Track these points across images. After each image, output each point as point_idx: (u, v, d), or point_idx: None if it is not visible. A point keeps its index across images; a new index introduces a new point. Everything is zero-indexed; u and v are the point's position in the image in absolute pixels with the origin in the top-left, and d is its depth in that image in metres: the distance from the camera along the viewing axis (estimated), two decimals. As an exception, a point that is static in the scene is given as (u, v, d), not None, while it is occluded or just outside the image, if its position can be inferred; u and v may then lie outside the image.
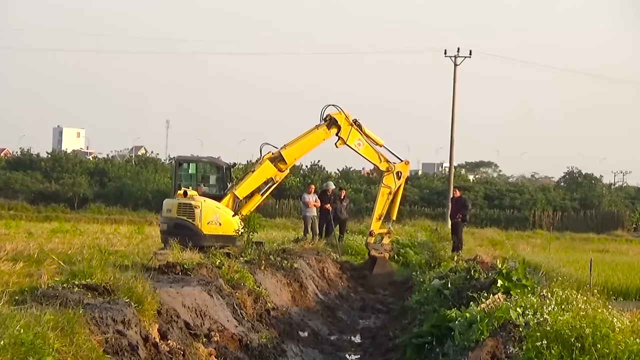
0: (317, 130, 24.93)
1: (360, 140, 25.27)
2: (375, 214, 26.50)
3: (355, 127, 25.06)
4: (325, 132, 24.96)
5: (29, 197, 67.53)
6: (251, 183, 24.44)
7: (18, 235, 28.24)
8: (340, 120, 24.90)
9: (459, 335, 12.30)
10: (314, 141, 25.04)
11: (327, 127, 24.93)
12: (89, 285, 12.11)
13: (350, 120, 25.01)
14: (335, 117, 24.92)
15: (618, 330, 9.73)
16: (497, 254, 27.26)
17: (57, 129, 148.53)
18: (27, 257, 18.18)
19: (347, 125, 24.95)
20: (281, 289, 20.20)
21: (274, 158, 24.50)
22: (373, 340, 18.29)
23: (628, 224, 69.17)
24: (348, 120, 24.97)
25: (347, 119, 24.96)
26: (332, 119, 24.92)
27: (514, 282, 14.54)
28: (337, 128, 24.93)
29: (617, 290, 20.71)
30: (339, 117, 24.94)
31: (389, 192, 25.93)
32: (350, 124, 24.98)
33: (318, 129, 24.94)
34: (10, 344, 8.61)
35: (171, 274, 16.29)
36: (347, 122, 24.94)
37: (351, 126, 24.99)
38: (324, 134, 24.98)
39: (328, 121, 24.95)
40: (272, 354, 14.91)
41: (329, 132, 25.00)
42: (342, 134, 24.99)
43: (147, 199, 66.56)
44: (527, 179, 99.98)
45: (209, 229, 23.06)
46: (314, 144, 25.13)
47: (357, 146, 25.26)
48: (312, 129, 24.96)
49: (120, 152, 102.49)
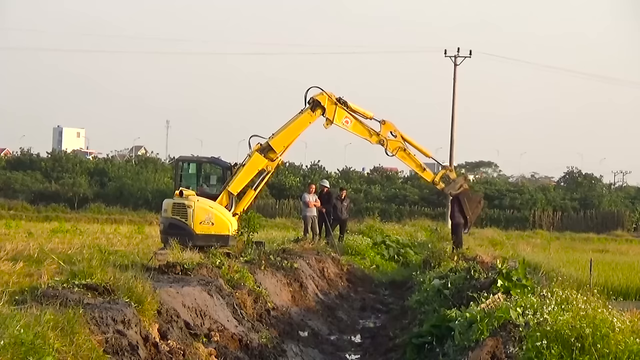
0: (302, 115, 24.70)
1: (348, 118, 25.04)
2: (417, 170, 26.35)
3: (340, 105, 24.82)
4: (310, 115, 24.73)
5: (29, 197, 67.52)
6: (243, 177, 24.28)
7: (18, 235, 28.28)
8: (323, 102, 24.62)
9: (459, 335, 12.31)
10: (300, 126, 24.81)
11: (311, 110, 24.69)
12: (89, 285, 12.12)
13: (334, 99, 24.81)
14: (318, 99, 24.62)
15: (618, 330, 9.72)
16: (497, 254, 27.25)
17: (57, 129, 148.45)
18: (27, 257, 18.20)
19: (331, 105, 24.71)
20: (281, 289, 20.20)
21: (262, 149, 24.36)
22: (373, 340, 18.30)
23: (628, 224, 69.20)
24: (332, 100, 24.73)
25: (330, 99, 24.70)
26: (315, 101, 24.61)
27: (514, 282, 14.54)
28: (321, 109, 24.72)
29: (617, 290, 20.70)
30: (322, 98, 24.70)
31: (403, 150, 25.67)
32: (334, 103, 24.70)
33: (303, 113, 24.72)
34: (10, 344, 8.61)
35: (171, 273, 16.30)
36: (330, 102, 24.70)
37: (335, 105, 24.72)
38: (309, 117, 24.76)
39: (312, 104, 24.70)
40: (272, 353, 14.92)
41: (314, 115, 24.75)
42: (328, 115, 24.75)
43: (147, 199, 66.57)
44: (527, 179, 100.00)
45: (201, 228, 23.07)
46: (300, 129, 24.90)
47: (344, 124, 25.04)
48: (297, 114, 24.71)
49: (120, 152, 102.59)
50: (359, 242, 31.57)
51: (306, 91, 24.80)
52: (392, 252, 32.95)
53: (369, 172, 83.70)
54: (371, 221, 38.09)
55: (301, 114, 24.68)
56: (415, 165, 26.05)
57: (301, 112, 24.70)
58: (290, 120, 24.71)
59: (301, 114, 24.68)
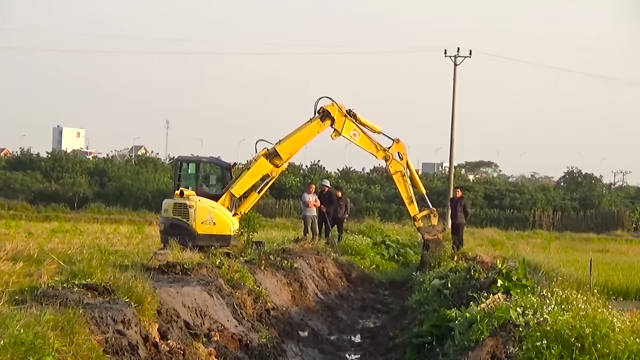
0: (310, 124, 24.84)
1: (356, 131, 25.19)
2: (405, 200, 26.41)
3: (349, 118, 24.95)
4: (319, 124, 24.87)
5: (29, 197, 67.48)
6: (247, 180, 24.36)
7: (18, 235, 28.25)
8: (333, 112, 24.80)
9: (459, 335, 12.31)
10: (308, 135, 24.93)
11: (320, 120, 24.83)
12: (89, 285, 12.12)
13: (344, 111, 24.90)
14: (328, 110, 24.81)
15: (618, 330, 9.73)
16: (497, 254, 27.28)
17: (57, 129, 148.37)
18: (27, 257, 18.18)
19: (340, 117, 24.86)
20: (281, 288, 20.20)
21: (269, 154, 24.44)
22: (373, 340, 18.30)
23: (628, 224, 69.16)
24: (341, 112, 24.87)
25: (340, 111, 24.86)
26: (325, 111, 24.81)
27: (514, 282, 14.54)
28: (331, 120, 24.84)
29: (617, 290, 20.73)
30: (332, 109, 24.86)
31: (402, 175, 25.85)
32: (344, 115, 24.88)
33: (312, 122, 24.86)
34: (10, 344, 8.62)
35: (171, 273, 16.30)
36: (340, 114, 24.85)
37: (345, 117, 24.89)
38: (318, 126, 24.90)
39: (321, 114, 24.84)
40: (272, 353, 14.92)
41: (322, 125, 24.90)
42: (337, 126, 24.90)
43: (147, 198, 66.50)
44: (527, 179, 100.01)
45: (202, 228, 23.08)
46: (308, 138, 25.02)
47: (352, 137, 25.19)
48: (306, 123, 24.88)
49: (120, 152, 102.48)
50: (359, 242, 31.56)
51: (317, 101, 25.03)
52: (392, 252, 32.97)
53: (369, 172, 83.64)
54: (371, 221, 38.12)
55: (310, 123, 24.80)
56: (406, 195, 26.28)
57: (310, 121, 24.82)
58: (298, 128, 24.81)
59: (310, 122, 24.81)
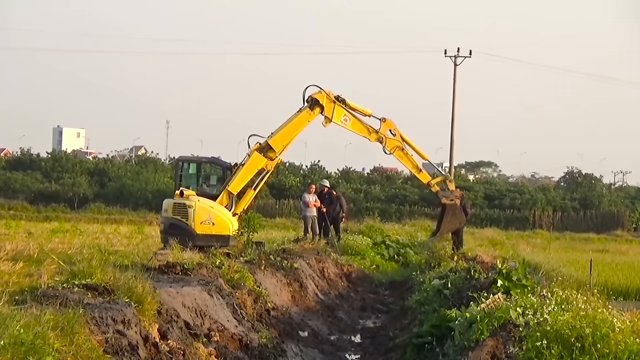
0: (300, 113, 24.72)
1: (347, 116, 25.11)
2: (413, 171, 26.34)
3: (338, 104, 24.86)
4: (308, 113, 24.77)
5: (29, 197, 67.48)
6: (243, 176, 24.29)
7: (18, 235, 28.31)
8: (321, 100, 24.67)
9: (459, 335, 12.31)
10: (299, 124, 24.83)
11: (310, 109, 24.69)
12: (89, 285, 12.11)
13: (332, 97, 24.85)
14: (316, 97, 24.66)
15: (618, 330, 9.73)
16: (497, 254, 27.26)
17: (57, 129, 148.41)
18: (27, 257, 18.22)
19: (329, 103, 24.78)
20: (281, 289, 20.20)
21: (261, 148, 24.38)
22: (373, 340, 18.30)
23: (628, 224, 69.15)
24: (330, 98, 24.78)
25: (328, 97, 24.74)
26: (313, 99, 24.66)
27: (514, 282, 14.54)
28: (320, 108, 24.72)
29: (617, 290, 20.72)
30: (320, 96, 24.75)
31: (401, 149, 25.69)
32: (332, 101, 24.77)
33: (301, 112, 24.74)
34: (10, 344, 8.61)
35: (171, 273, 16.29)
36: (329, 100, 24.75)
37: (334, 103, 24.78)
38: (308, 115, 24.81)
39: (310, 102, 24.74)
40: (272, 353, 14.92)
41: (312, 113, 24.79)
42: (326, 113, 24.80)
43: (147, 199, 66.51)
44: (527, 179, 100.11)
45: (201, 228, 23.10)
46: (299, 128, 24.93)
47: (343, 122, 25.09)
48: (295, 113, 24.74)
49: (120, 152, 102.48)
50: (359, 242, 31.56)
51: (304, 90, 24.86)
52: (392, 252, 32.97)
53: (369, 172, 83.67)
54: (371, 221, 38.13)
55: (300, 113, 24.70)
56: (411, 165, 26.09)
57: (300, 111, 24.72)
58: (288, 119, 24.73)
59: (300, 112, 24.71)
